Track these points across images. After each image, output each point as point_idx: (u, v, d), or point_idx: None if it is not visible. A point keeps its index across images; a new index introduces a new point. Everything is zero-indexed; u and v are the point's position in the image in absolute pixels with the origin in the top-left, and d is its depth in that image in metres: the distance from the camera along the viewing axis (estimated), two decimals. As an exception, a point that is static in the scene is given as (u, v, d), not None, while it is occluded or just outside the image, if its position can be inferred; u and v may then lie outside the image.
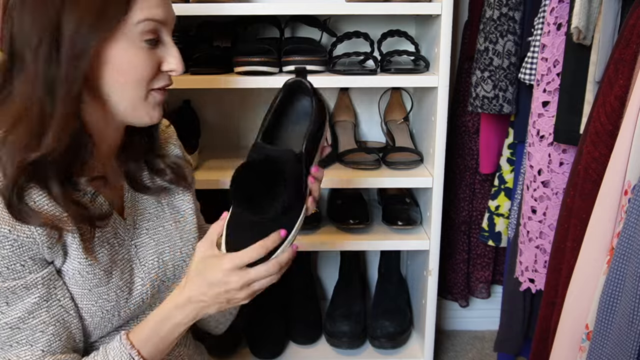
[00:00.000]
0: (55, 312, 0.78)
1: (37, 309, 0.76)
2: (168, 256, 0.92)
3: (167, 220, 0.94)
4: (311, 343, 1.64)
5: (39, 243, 0.73)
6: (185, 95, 1.68)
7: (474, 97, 1.45)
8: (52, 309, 0.77)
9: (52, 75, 0.71)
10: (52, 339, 0.77)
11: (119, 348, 0.80)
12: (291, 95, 0.88)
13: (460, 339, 1.91)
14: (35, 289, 0.75)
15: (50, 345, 0.77)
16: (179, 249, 0.94)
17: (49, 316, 0.77)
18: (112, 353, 0.80)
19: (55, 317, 0.78)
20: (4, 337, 0.75)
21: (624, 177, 0.85)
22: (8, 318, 0.75)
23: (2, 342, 0.76)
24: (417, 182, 1.47)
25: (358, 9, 1.37)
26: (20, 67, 0.73)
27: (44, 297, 0.76)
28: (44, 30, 0.70)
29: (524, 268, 1.34)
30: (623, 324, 0.80)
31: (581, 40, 1.05)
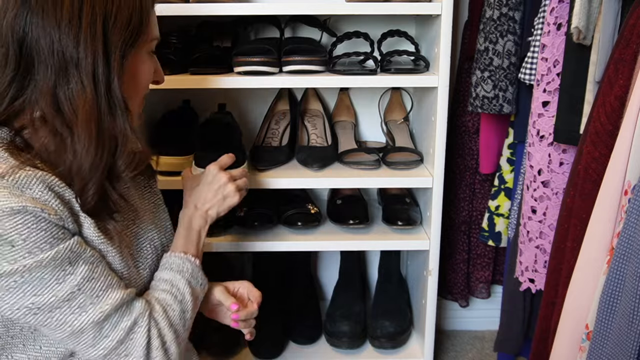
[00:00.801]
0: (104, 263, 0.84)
1: (95, 259, 0.82)
2: (158, 242, 1.00)
3: (147, 209, 1.02)
4: (311, 343, 1.64)
5: (63, 219, 0.78)
6: (185, 95, 1.68)
7: (474, 97, 1.45)
8: (102, 261, 0.84)
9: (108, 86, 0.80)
10: (119, 280, 0.85)
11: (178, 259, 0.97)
12: None
13: (460, 339, 1.91)
14: (84, 245, 0.81)
15: (120, 282, 0.85)
16: (164, 235, 1.04)
17: (104, 266, 0.84)
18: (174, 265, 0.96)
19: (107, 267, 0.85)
20: (89, 292, 0.80)
21: (624, 177, 0.85)
22: (81, 274, 0.79)
23: (91, 298, 0.80)
24: (417, 182, 1.47)
25: (358, 9, 1.37)
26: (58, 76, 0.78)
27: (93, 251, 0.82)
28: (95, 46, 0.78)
29: (524, 268, 1.34)
30: (623, 324, 0.80)
31: (581, 40, 1.05)
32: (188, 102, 1.68)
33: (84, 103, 0.78)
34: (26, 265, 0.74)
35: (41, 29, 0.77)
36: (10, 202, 0.73)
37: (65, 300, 0.78)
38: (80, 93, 0.78)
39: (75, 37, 0.77)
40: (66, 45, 0.77)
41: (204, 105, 1.68)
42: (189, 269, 0.96)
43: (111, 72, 0.80)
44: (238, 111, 1.70)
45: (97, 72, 0.79)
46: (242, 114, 1.71)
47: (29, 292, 0.76)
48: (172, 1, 1.35)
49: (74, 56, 0.78)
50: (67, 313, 0.79)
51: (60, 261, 0.77)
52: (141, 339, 0.85)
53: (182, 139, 1.49)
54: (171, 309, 0.91)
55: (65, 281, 0.77)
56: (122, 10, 0.81)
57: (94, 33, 0.78)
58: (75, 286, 0.78)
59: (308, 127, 1.64)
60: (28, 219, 0.74)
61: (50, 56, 0.77)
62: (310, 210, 1.53)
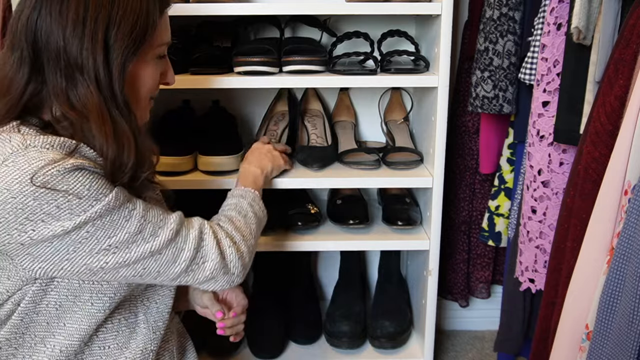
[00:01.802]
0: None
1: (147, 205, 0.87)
2: None
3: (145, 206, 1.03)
4: (311, 343, 1.64)
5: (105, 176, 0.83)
6: (186, 95, 1.68)
7: (474, 97, 1.45)
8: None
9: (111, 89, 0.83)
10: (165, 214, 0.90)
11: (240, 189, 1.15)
12: None
13: (460, 339, 1.91)
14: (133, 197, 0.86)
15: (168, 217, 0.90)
16: None
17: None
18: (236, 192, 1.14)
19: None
20: (153, 219, 0.86)
21: (624, 177, 0.85)
22: (140, 207, 0.85)
23: (157, 224, 0.86)
24: (417, 182, 1.47)
25: (358, 9, 1.37)
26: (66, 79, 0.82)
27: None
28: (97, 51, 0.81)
29: (524, 268, 1.34)
30: (623, 324, 0.80)
31: (581, 40, 1.05)
32: (188, 102, 1.68)
33: (94, 105, 0.81)
34: (97, 211, 0.79)
35: (50, 34, 0.80)
36: (66, 161, 0.77)
37: (138, 233, 0.83)
38: (89, 96, 0.81)
39: (79, 43, 0.80)
40: (70, 50, 0.80)
41: (204, 105, 1.68)
42: (250, 196, 1.12)
43: (112, 77, 0.82)
44: (238, 111, 1.70)
45: (99, 77, 0.81)
46: (242, 114, 1.71)
47: (103, 237, 0.81)
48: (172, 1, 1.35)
49: (78, 61, 0.80)
50: (141, 244, 0.84)
51: (121, 201, 0.82)
52: (212, 241, 0.93)
53: (182, 139, 1.49)
54: (235, 218, 1.03)
55: (132, 216, 0.83)
56: (126, 17, 0.82)
57: (96, 40, 0.80)
58: (141, 218, 0.84)
59: (308, 127, 1.64)
60: (85, 172, 0.78)
61: (58, 60, 0.80)
62: (310, 210, 1.53)
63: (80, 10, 0.79)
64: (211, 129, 1.56)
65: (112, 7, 0.81)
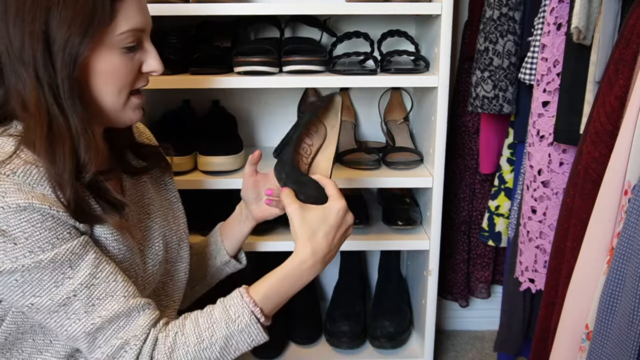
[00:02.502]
0: (113, 264, 0.81)
1: (100, 262, 0.79)
2: (169, 238, 1.00)
3: (162, 205, 1.01)
4: (311, 343, 1.64)
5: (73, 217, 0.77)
6: (185, 95, 1.68)
7: (474, 97, 1.45)
8: (109, 261, 0.81)
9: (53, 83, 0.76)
10: (125, 285, 0.81)
11: (240, 304, 0.84)
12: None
13: (460, 339, 1.91)
14: (89, 245, 0.78)
15: (127, 290, 0.81)
16: (175, 232, 1.02)
17: (112, 266, 0.80)
18: (232, 308, 0.84)
19: (116, 267, 0.81)
20: (85, 299, 0.77)
21: (624, 177, 0.85)
22: (79, 279, 0.77)
23: (85, 306, 0.77)
24: (417, 182, 1.47)
25: (358, 9, 1.37)
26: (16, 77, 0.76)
27: (98, 252, 0.80)
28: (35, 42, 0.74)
29: (524, 268, 1.34)
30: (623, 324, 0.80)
31: (581, 40, 1.05)
32: (188, 102, 1.68)
33: (33, 101, 0.75)
34: (25, 265, 0.73)
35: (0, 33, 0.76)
36: (17, 199, 0.72)
37: (61, 304, 0.76)
38: (31, 92, 0.75)
39: (22, 37, 0.74)
40: (15, 46, 0.75)
41: (204, 105, 1.68)
42: (243, 322, 0.84)
43: (56, 72, 0.75)
44: (238, 111, 1.70)
45: (39, 71, 0.75)
46: (242, 114, 1.71)
47: (28, 292, 0.75)
48: (172, 1, 1.35)
49: (22, 57, 0.75)
50: (62, 317, 0.77)
51: (60, 263, 0.75)
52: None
53: (182, 139, 1.49)
54: (184, 349, 0.81)
55: (63, 285, 0.76)
56: (67, 6, 0.74)
57: (35, 32, 0.74)
58: (71, 291, 0.76)
59: (308, 127, 1.64)
60: (34, 217, 0.73)
61: (7, 59, 0.76)
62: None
63: (20, 2, 0.74)
64: (211, 129, 1.56)
65: None
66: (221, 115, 1.63)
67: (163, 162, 1.04)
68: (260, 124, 1.74)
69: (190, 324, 0.83)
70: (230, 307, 0.84)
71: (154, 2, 1.33)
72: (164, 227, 0.99)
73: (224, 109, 1.66)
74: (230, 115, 1.65)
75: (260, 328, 0.85)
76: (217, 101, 1.66)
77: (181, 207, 1.06)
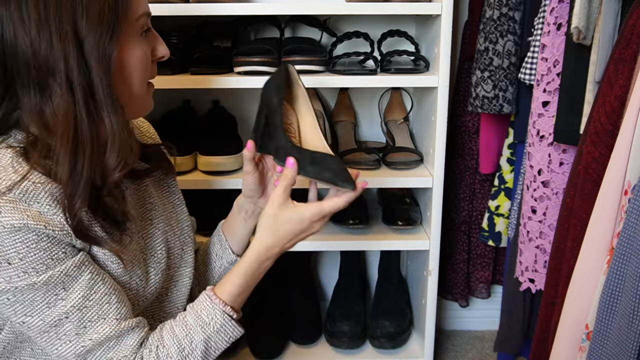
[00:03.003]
0: (109, 282, 0.80)
1: (95, 283, 0.78)
2: (172, 243, 0.97)
3: (165, 209, 0.98)
4: (311, 343, 1.63)
5: (71, 234, 0.75)
6: (185, 95, 1.68)
7: (474, 97, 1.45)
8: (106, 280, 0.80)
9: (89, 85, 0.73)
10: (119, 307, 0.80)
11: (210, 306, 0.85)
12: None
13: (460, 339, 1.91)
14: (84, 266, 0.77)
15: (120, 312, 0.80)
16: (178, 237, 0.99)
17: (107, 287, 0.79)
18: (204, 312, 0.85)
19: (112, 286, 0.80)
20: (76, 322, 0.77)
21: (624, 177, 0.85)
22: (72, 301, 0.76)
23: (76, 328, 0.77)
24: (417, 182, 1.47)
25: (358, 9, 1.37)
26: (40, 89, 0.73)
27: (95, 271, 0.78)
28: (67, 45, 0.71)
29: (524, 268, 1.34)
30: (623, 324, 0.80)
31: (581, 40, 1.05)
32: (188, 102, 1.68)
33: (63, 112, 0.73)
34: (18, 286, 0.72)
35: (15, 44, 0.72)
36: (12, 219, 0.70)
37: (53, 325, 0.76)
38: (61, 103, 0.73)
39: (48, 44, 0.71)
40: (40, 55, 0.71)
41: (204, 106, 1.68)
42: (217, 323, 0.85)
43: (92, 73, 0.73)
44: (238, 111, 1.70)
45: (72, 76, 0.72)
46: (242, 114, 1.71)
47: (20, 312, 0.75)
48: (172, 1, 1.35)
49: (49, 66, 0.72)
50: (53, 338, 0.77)
51: (53, 285, 0.74)
52: None
53: (182, 139, 1.49)
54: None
55: (55, 306, 0.75)
56: (92, 3, 0.72)
57: (64, 36, 0.71)
58: (63, 313, 0.76)
59: (308, 127, 1.64)
60: (29, 237, 0.72)
61: (29, 72, 0.72)
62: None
63: (41, 7, 0.70)
64: (211, 129, 1.56)
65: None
66: (221, 115, 1.63)
67: (166, 164, 1.00)
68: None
69: (167, 334, 0.84)
70: (202, 312, 0.85)
71: (154, 2, 1.33)
72: (167, 232, 0.96)
73: (224, 109, 1.66)
74: (230, 115, 1.65)
75: (234, 324, 0.87)
76: (217, 101, 1.66)
77: (185, 209, 1.04)
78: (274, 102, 0.94)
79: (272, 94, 0.95)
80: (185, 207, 1.04)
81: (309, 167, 0.88)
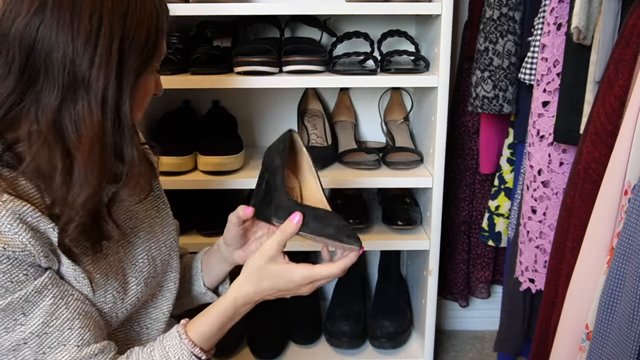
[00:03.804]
0: (74, 306, 0.77)
1: (57, 308, 0.75)
2: (155, 252, 0.93)
3: (147, 216, 0.94)
4: (311, 343, 1.64)
5: (34, 254, 0.72)
6: (185, 95, 1.68)
7: (474, 97, 1.45)
8: (70, 304, 0.77)
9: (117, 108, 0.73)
10: (82, 332, 0.77)
11: (179, 345, 0.82)
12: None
13: (460, 339, 1.91)
14: (47, 290, 0.74)
15: (82, 338, 0.77)
16: (163, 243, 0.95)
17: (70, 311, 0.76)
18: (172, 349, 0.81)
19: (77, 310, 0.77)
20: (35, 348, 0.74)
21: (624, 177, 0.85)
22: (31, 327, 0.74)
23: (35, 354, 0.74)
24: (417, 182, 1.47)
25: (358, 9, 1.37)
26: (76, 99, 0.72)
27: (58, 295, 0.76)
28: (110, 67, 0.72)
29: (524, 268, 1.34)
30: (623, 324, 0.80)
31: (581, 40, 1.05)
32: (188, 102, 1.68)
33: (91, 128, 0.71)
34: None
35: (55, 43, 0.70)
36: None
37: (11, 349, 0.74)
38: (88, 117, 0.71)
39: (91, 57, 0.71)
40: (79, 64, 0.70)
41: (204, 106, 1.68)
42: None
43: (123, 96, 0.73)
44: (238, 111, 1.70)
45: (108, 95, 0.72)
46: (242, 114, 1.71)
47: None
48: (172, 1, 1.35)
49: (85, 77, 0.71)
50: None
51: (11, 311, 0.72)
52: None
53: (182, 139, 1.49)
54: None
55: (14, 331, 0.73)
56: (140, 29, 0.74)
57: (109, 54, 0.71)
58: (21, 339, 0.73)
59: (308, 127, 1.64)
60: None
61: (60, 74, 0.71)
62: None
63: (94, 20, 0.70)
64: (211, 129, 1.56)
65: (126, 17, 0.72)
66: (221, 115, 1.64)
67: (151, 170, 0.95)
68: (260, 124, 1.74)
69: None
70: (169, 349, 0.82)
71: (154, 2, 1.33)
72: (150, 240, 0.93)
73: (224, 109, 1.66)
74: (230, 115, 1.65)
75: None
76: (217, 101, 1.66)
77: (170, 213, 1.00)
78: (275, 163, 0.92)
79: (274, 157, 0.93)
80: (170, 211, 1.01)
81: (312, 222, 0.86)
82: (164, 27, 0.79)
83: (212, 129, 1.56)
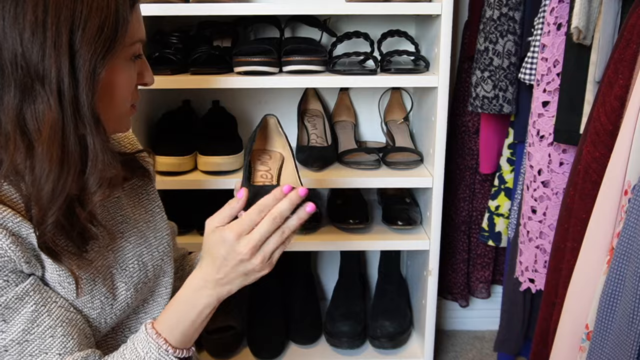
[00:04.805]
0: (57, 313, 0.76)
1: (38, 315, 0.74)
2: (147, 257, 0.91)
3: (140, 220, 0.92)
4: (311, 343, 1.63)
5: (15, 260, 0.71)
6: (185, 95, 1.68)
7: (474, 97, 1.45)
8: (52, 311, 0.75)
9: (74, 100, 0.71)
10: (64, 340, 0.75)
11: (145, 339, 0.78)
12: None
13: (460, 339, 1.91)
14: (28, 297, 0.73)
15: (65, 346, 0.75)
16: (155, 248, 0.93)
17: (53, 319, 0.75)
18: (139, 345, 0.78)
19: (59, 317, 0.76)
20: (16, 355, 0.73)
21: (624, 177, 0.85)
22: (11, 334, 0.72)
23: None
24: (417, 182, 1.47)
25: (358, 9, 1.37)
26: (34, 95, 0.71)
27: (40, 302, 0.74)
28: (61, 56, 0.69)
29: (524, 268, 1.34)
30: (623, 324, 0.80)
31: (581, 40, 1.05)
32: (188, 102, 1.68)
33: (49, 122, 0.70)
34: None
35: (3, 40, 0.69)
36: None
37: None
38: (47, 109, 0.70)
39: (40, 49, 0.69)
40: (29, 58, 0.69)
41: (204, 106, 1.68)
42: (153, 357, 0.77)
43: (79, 88, 0.71)
44: (238, 111, 1.70)
45: (63, 88, 0.70)
46: (242, 114, 1.71)
47: None
48: (172, 1, 1.35)
49: (39, 70, 0.69)
50: None
51: None
52: None
53: (182, 139, 1.49)
54: None
55: None
56: (93, 16, 0.70)
57: (59, 45, 0.69)
58: (2, 347, 0.72)
59: (308, 127, 1.64)
60: None
61: (14, 71, 0.69)
62: (310, 210, 1.53)
63: (39, 11, 0.68)
64: (211, 129, 1.56)
65: (75, 6, 0.69)
66: (221, 115, 1.64)
67: (141, 171, 0.94)
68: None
69: None
70: (138, 344, 0.78)
71: (154, 2, 1.33)
72: (141, 245, 0.90)
73: (224, 109, 1.66)
74: (230, 115, 1.65)
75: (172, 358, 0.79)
76: (217, 101, 1.66)
77: (164, 217, 0.97)
78: (248, 146, 0.95)
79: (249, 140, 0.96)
80: (165, 215, 0.98)
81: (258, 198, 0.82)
82: (126, 13, 0.74)
83: (212, 129, 1.56)
